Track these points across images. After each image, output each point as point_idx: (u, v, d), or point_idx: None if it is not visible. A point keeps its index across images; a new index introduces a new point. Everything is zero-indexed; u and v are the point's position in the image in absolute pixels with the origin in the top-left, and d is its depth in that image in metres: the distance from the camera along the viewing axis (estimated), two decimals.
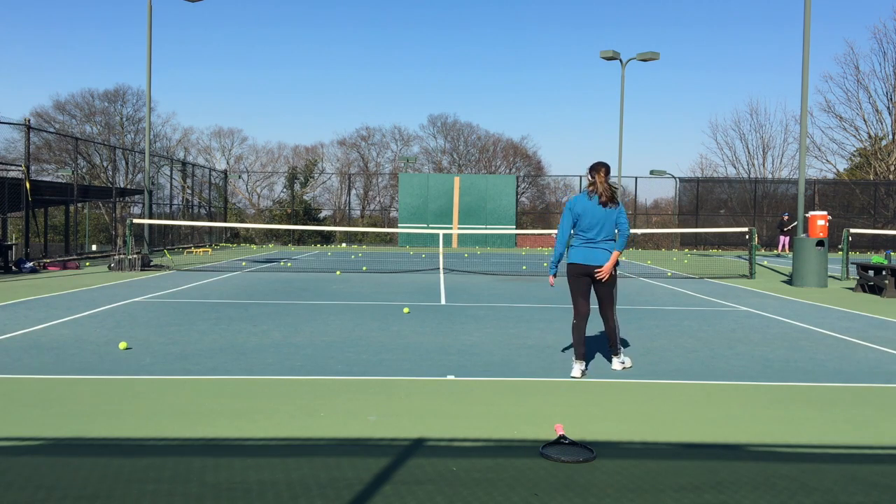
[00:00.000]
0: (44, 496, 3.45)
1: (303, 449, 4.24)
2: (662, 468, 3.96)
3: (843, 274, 17.05)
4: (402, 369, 6.42)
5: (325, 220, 42.83)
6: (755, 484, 3.74)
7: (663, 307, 11.21)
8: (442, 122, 59.64)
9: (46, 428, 4.55)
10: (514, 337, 8.21)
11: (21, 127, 19.35)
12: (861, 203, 37.94)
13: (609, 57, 32.97)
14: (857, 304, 12.05)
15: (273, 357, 6.88)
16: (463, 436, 4.50)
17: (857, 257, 25.11)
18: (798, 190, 16.57)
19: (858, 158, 45.61)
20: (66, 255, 21.09)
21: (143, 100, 45.80)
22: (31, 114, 49.17)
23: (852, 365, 6.91)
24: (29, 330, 8.16)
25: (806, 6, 15.76)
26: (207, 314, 9.70)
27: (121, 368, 6.30)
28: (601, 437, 4.50)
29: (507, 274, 17.50)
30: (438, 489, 3.60)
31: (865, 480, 3.82)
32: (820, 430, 4.78)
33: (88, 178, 41.03)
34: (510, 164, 57.88)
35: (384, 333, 8.33)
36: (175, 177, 32.30)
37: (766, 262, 23.52)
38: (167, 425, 4.63)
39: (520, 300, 11.90)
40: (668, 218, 37.57)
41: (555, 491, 3.61)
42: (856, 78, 44.64)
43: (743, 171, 50.10)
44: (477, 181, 35.68)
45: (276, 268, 18.70)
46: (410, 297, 12.17)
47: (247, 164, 56.30)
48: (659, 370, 6.58)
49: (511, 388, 5.77)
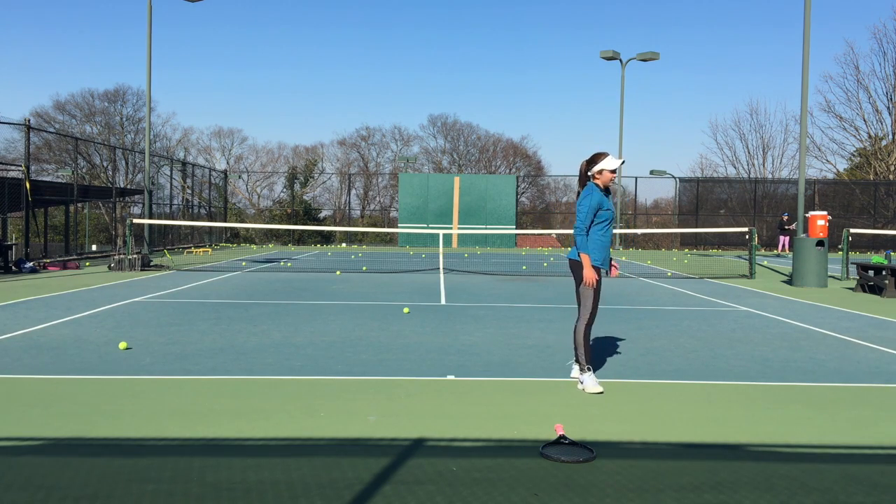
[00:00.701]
0: (44, 496, 3.45)
1: (303, 449, 4.24)
2: (662, 468, 3.96)
3: (843, 274, 17.04)
4: (402, 369, 6.42)
5: (325, 220, 42.84)
6: (755, 484, 3.74)
7: (663, 307, 11.21)
8: (442, 122, 59.74)
9: (46, 428, 4.55)
10: (514, 337, 8.21)
11: (21, 127, 19.35)
12: (861, 203, 37.93)
13: (609, 57, 32.99)
14: (857, 304, 12.04)
15: (273, 357, 6.88)
16: (463, 436, 4.50)
17: (857, 257, 25.11)
18: (798, 190, 16.57)
19: (858, 158, 45.62)
20: (66, 255, 21.09)
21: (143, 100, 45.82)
22: (31, 114, 49.23)
23: (852, 365, 6.91)
24: (29, 330, 8.16)
25: (806, 6, 15.76)
26: (207, 314, 9.70)
27: (121, 368, 6.30)
28: (601, 437, 4.50)
29: (507, 274, 17.50)
30: (438, 489, 3.60)
31: (865, 480, 3.82)
32: (820, 430, 4.78)
33: (88, 178, 41.03)
34: (510, 164, 57.91)
35: (384, 333, 8.32)
36: (175, 177, 32.32)
37: (766, 262, 23.52)
38: (167, 425, 4.63)
39: (520, 300, 11.90)
40: (668, 218, 37.56)
41: (555, 491, 3.61)
42: (856, 78, 44.73)
43: (743, 171, 50.17)
44: (477, 181, 35.68)
45: (276, 268, 18.70)
46: (410, 297, 12.17)
47: (247, 164, 56.37)
48: (659, 370, 6.58)
49: (511, 388, 5.77)
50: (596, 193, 5.70)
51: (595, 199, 5.67)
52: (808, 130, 19.46)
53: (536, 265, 21.14)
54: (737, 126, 73.58)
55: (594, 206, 5.67)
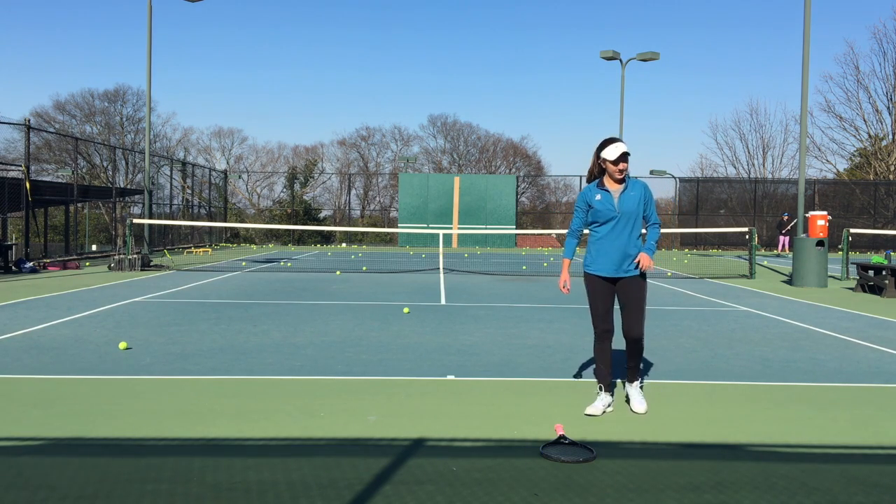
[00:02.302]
0: (44, 496, 3.45)
1: (303, 449, 4.24)
2: (662, 468, 3.96)
3: (843, 274, 17.04)
4: (402, 369, 6.42)
5: (325, 220, 42.84)
6: (755, 484, 3.74)
7: (663, 307, 11.20)
8: (442, 122, 59.73)
9: (46, 428, 4.54)
10: (514, 337, 8.20)
11: (21, 127, 19.35)
12: (861, 203, 37.93)
13: (609, 57, 32.97)
14: (857, 304, 12.04)
15: (273, 357, 6.88)
16: (463, 436, 4.50)
17: (857, 257, 25.11)
18: (798, 190, 16.57)
19: (858, 158, 45.61)
20: (66, 255, 21.08)
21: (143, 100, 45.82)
22: (31, 114, 49.22)
23: (852, 365, 6.91)
24: (29, 330, 8.16)
25: (806, 6, 15.76)
26: (207, 314, 9.70)
27: (121, 368, 6.30)
28: (601, 437, 4.50)
29: (507, 274, 17.49)
30: (438, 489, 3.60)
31: (865, 480, 3.81)
32: (820, 430, 4.78)
33: (88, 178, 41.03)
34: (510, 164, 57.92)
35: (384, 333, 8.32)
36: (175, 177, 32.32)
37: (766, 262, 23.52)
38: (167, 425, 4.63)
39: (520, 300, 11.89)
40: (668, 218, 37.55)
41: (555, 491, 3.61)
42: (856, 78, 44.69)
43: (743, 171, 50.16)
44: (477, 181, 35.68)
45: (276, 268, 18.70)
46: (410, 297, 12.17)
47: (247, 164, 56.36)
48: (659, 370, 6.58)
49: (511, 388, 5.77)
50: (587, 189, 5.14)
51: (580, 196, 5.16)
52: (808, 130, 19.46)
53: (536, 265, 21.14)
54: (737, 126, 73.62)
55: (580, 203, 5.14)
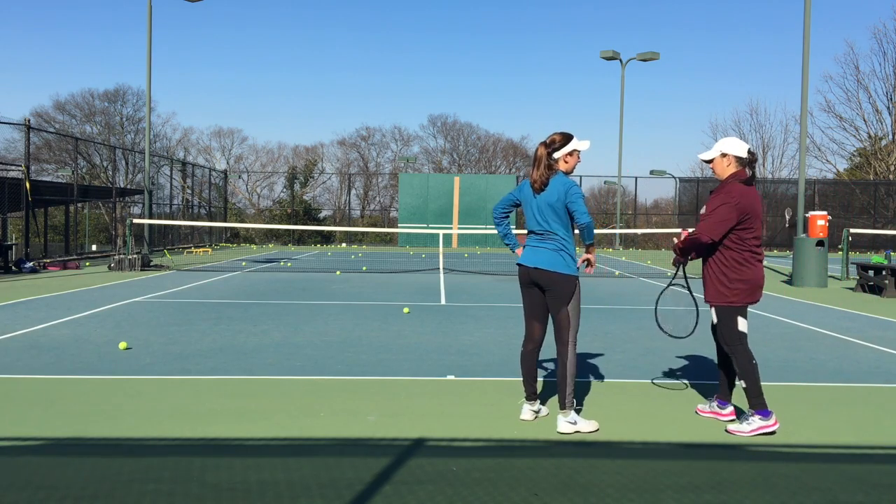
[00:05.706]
0: (44, 496, 3.45)
1: (303, 449, 4.24)
2: (662, 468, 3.96)
3: (843, 274, 17.04)
4: (402, 369, 6.42)
5: (325, 220, 42.83)
6: (755, 484, 3.74)
7: (663, 307, 11.18)
8: (442, 122, 59.71)
9: (46, 428, 4.54)
10: (514, 337, 8.20)
11: (21, 127, 19.35)
12: (861, 203, 37.93)
13: (609, 57, 32.98)
14: (857, 304, 12.04)
15: (273, 357, 6.88)
16: (463, 436, 4.50)
17: (857, 257, 25.10)
18: (798, 190, 16.57)
19: (858, 158, 45.60)
20: (66, 255, 21.09)
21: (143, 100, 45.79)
22: (31, 114, 49.22)
23: (852, 365, 6.91)
24: (29, 330, 8.16)
25: (806, 7, 15.76)
26: (207, 314, 9.70)
27: (121, 368, 6.30)
28: (601, 437, 4.50)
29: (507, 274, 17.49)
30: (438, 489, 3.60)
31: (865, 480, 3.81)
32: (820, 430, 4.78)
33: (88, 178, 41.02)
34: (510, 164, 57.90)
35: (384, 333, 8.32)
36: (175, 177, 32.32)
37: (765, 262, 23.53)
38: (167, 425, 4.63)
39: (520, 300, 11.87)
40: (668, 218, 37.55)
41: (555, 491, 3.61)
42: (856, 78, 44.69)
43: None
44: (477, 181, 35.68)
45: (276, 268, 18.70)
46: (410, 297, 12.17)
47: (247, 164, 56.32)
48: (659, 370, 6.58)
49: (511, 388, 5.77)
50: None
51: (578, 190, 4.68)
52: (808, 130, 19.45)
53: None
54: (737, 126, 73.20)
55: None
